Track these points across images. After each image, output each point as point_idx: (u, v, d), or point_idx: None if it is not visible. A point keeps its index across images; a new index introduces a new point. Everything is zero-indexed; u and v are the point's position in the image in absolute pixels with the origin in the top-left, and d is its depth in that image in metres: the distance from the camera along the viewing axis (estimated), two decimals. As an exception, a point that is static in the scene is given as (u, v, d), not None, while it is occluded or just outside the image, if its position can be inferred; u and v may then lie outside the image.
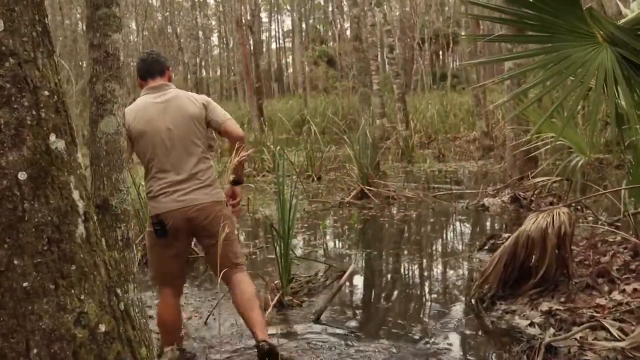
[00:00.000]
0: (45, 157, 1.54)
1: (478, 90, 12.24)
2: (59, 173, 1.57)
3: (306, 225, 6.78)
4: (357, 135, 8.20)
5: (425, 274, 4.80)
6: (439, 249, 5.47)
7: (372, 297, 4.33)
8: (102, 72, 2.27)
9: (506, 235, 5.29)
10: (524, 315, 3.80)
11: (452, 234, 6.13)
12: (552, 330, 3.51)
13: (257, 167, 10.54)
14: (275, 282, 4.42)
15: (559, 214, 3.95)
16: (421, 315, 3.92)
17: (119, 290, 1.74)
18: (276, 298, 4.09)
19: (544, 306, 3.80)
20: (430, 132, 14.16)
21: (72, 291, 1.57)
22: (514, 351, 3.30)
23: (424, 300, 4.19)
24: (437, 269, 4.88)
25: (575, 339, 3.30)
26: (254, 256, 5.43)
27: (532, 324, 3.67)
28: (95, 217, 1.68)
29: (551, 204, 6.68)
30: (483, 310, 3.93)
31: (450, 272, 4.80)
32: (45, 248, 1.53)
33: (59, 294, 1.54)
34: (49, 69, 1.57)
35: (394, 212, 7.13)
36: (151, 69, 3.20)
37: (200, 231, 3.15)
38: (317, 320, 3.84)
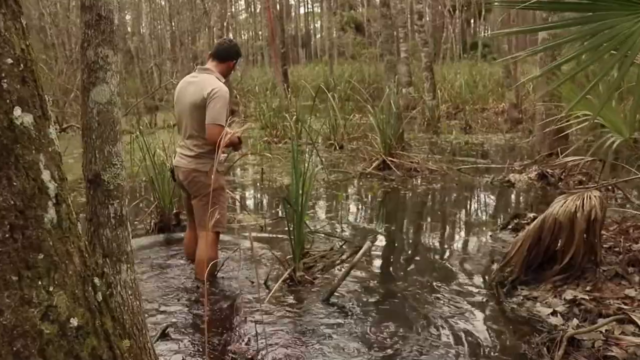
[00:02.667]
0: (7, 133, 1.34)
1: (509, 61, 11.76)
2: (25, 151, 1.38)
3: (325, 196, 6.58)
4: (381, 104, 7.89)
5: (445, 252, 4.57)
6: (461, 226, 5.23)
7: (388, 275, 4.12)
8: (93, 36, 2.05)
9: (531, 215, 5.02)
10: (546, 303, 3.57)
11: (475, 210, 5.87)
12: (575, 321, 3.28)
13: (278, 134, 10.32)
14: (288, 257, 4.26)
15: (589, 198, 3.67)
16: (437, 298, 3.71)
17: (96, 280, 1.56)
18: (286, 273, 3.91)
19: (568, 294, 3.56)
20: (458, 103, 13.73)
21: (39, 283, 1.39)
22: (534, 342, 3.08)
23: (441, 281, 3.97)
24: (457, 248, 4.64)
25: (601, 332, 3.07)
26: (269, 228, 5.25)
27: (554, 313, 3.44)
28: (69, 200, 1.49)
29: (580, 182, 6.37)
30: (503, 295, 3.71)
31: (471, 252, 4.56)
32: (7, 236, 1.35)
33: (22, 286, 1.36)
34: (14, 33, 1.37)
35: (416, 184, 6.88)
36: (215, 52, 3.91)
37: (185, 188, 3.96)
38: (327, 300, 3.67)
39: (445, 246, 4.69)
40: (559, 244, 3.75)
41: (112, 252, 2.14)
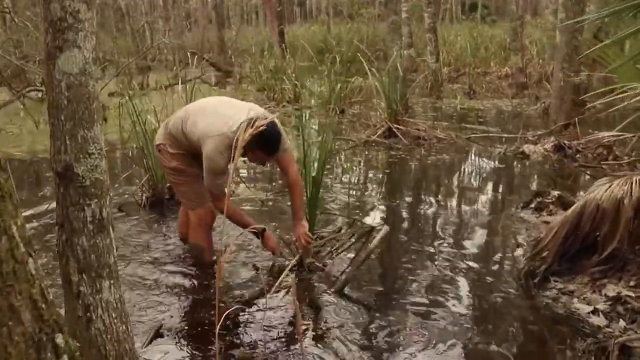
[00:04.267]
0: None
1: (516, 23, 11.16)
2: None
3: (328, 167, 6.08)
4: (387, 67, 7.32)
5: (462, 235, 4.10)
6: (477, 204, 4.76)
7: (401, 262, 3.65)
8: (60, -16, 1.53)
9: (555, 193, 4.56)
10: (584, 299, 3.13)
11: (490, 185, 5.39)
12: (622, 323, 2.86)
13: (276, 97, 9.73)
14: (294, 240, 3.81)
15: (638, 183, 3.21)
16: (457, 289, 3.26)
17: (59, 339, 1.08)
18: (294, 260, 3.45)
19: (610, 290, 3.12)
20: (459, 66, 13.14)
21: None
22: (579, 349, 2.66)
23: (460, 269, 3.53)
24: (476, 230, 4.17)
25: (657, 339, 2.65)
26: (270, 203, 4.77)
27: (595, 312, 3.00)
28: (15, 226, 1.00)
29: (599, 155, 5.91)
30: (534, 287, 3.28)
31: (492, 234, 4.10)
32: None
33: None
34: None
35: (425, 154, 6.38)
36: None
37: None
38: (340, 292, 3.22)
39: (462, 227, 4.22)
40: (600, 233, 3.31)
41: (90, 265, 1.65)
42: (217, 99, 3.60)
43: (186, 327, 2.89)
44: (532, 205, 4.55)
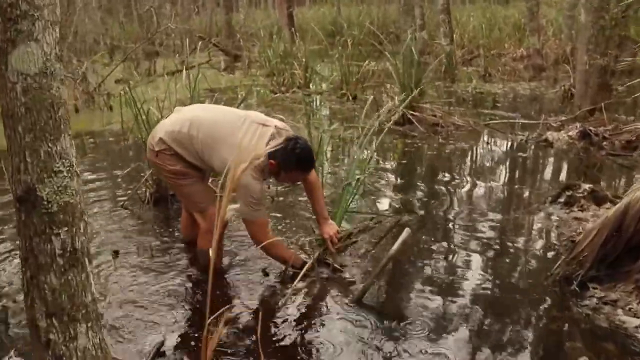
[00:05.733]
0: None
1: (531, 3, 10.67)
2: None
3: (341, 157, 5.73)
4: (401, 50, 6.90)
5: (483, 232, 3.74)
6: (501, 197, 4.39)
7: (421, 264, 3.31)
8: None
9: (586, 186, 4.18)
10: (630, 310, 2.79)
11: (513, 176, 5.01)
12: (677, 340, 2.52)
13: (286, 83, 9.35)
14: (309, 240, 3.49)
15: (692, 180, 2.85)
16: (479, 297, 2.92)
17: None
18: (309, 263, 3.11)
19: (659, 300, 2.79)
20: (473, 48, 12.65)
21: None
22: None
23: (481, 272, 3.19)
24: (502, 228, 3.80)
25: None
26: (281, 197, 4.44)
27: (645, 325, 2.68)
28: None
29: (628, 142, 5.51)
30: (570, 295, 2.94)
31: (519, 232, 3.73)
32: None
33: None
34: None
35: (442, 143, 6.00)
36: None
37: None
38: (359, 301, 2.90)
39: (484, 224, 3.86)
40: (646, 236, 2.95)
41: (61, 308, 1.33)
42: (221, 112, 3.17)
43: (192, 344, 2.58)
44: (561, 200, 4.18)
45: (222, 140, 2.90)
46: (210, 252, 1.02)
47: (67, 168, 1.31)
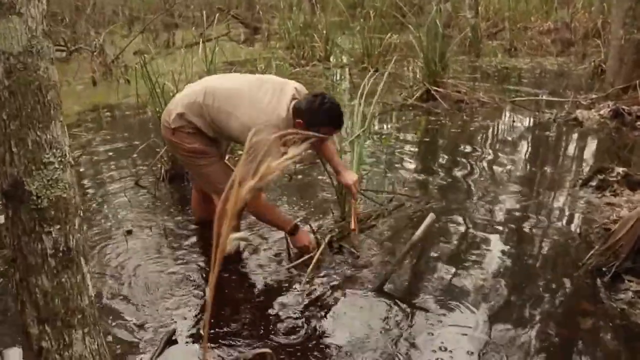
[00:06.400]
0: None
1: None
2: None
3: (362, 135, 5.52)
4: (426, 23, 6.61)
5: (510, 216, 3.54)
6: (528, 179, 4.18)
7: (443, 249, 3.14)
8: None
9: (620, 170, 3.95)
10: (669, 305, 2.62)
11: (541, 157, 4.77)
12: None
13: (306, 56, 9.10)
14: (327, 222, 3.35)
15: None
16: (505, 286, 2.75)
17: None
18: (320, 249, 2.96)
19: (702, 295, 2.59)
20: (498, 20, 12.20)
21: None
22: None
23: (508, 259, 3.01)
24: (527, 211, 3.60)
25: None
26: (300, 176, 4.28)
27: (687, 323, 2.49)
28: None
29: (663, 122, 5.22)
30: (603, 288, 2.76)
31: (548, 217, 3.52)
32: None
33: None
34: None
35: (467, 120, 5.76)
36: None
37: None
38: (380, 290, 2.75)
39: (511, 207, 3.66)
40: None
41: (54, 313, 1.19)
42: (236, 78, 3.01)
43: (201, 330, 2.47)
44: (593, 183, 3.96)
45: (240, 104, 2.73)
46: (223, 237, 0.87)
47: (59, 159, 1.16)
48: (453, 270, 2.92)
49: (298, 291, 2.73)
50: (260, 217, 2.99)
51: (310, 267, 2.85)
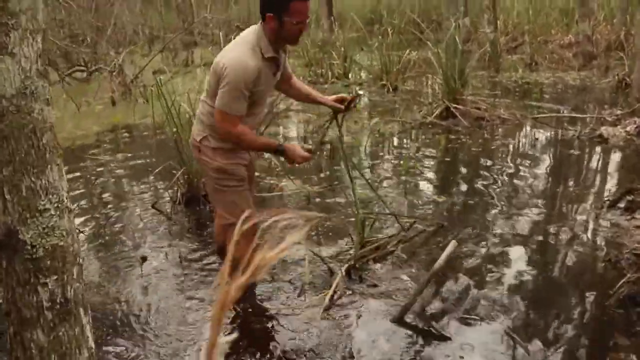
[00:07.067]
0: None
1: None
2: None
3: (381, 154, 5.43)
4: (444, 40, 6.51)
5: (534, 240, 3.40)
6: (553, 201, 4.03)
7: (465, 276, 3.00)
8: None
9: (651, 190, 3.80)
10: None
11: (566, 176, 4.62)
12: None
13: (324, 74, 9.06)
14: (345, 249, 3.24)
15: None
16: (538, 322, 2.62)
17: None
18: (337, 280, 2.86)
19: None
20: (517, 34, 12.05)
21: None
22: None
23: (532, 287, 2.87)
24: (551, 234, 3.44)
25: None
26: (317, 198, 4.18)
27: None
28: None
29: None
30: (638, 319, 2.61)
31: (573, 242, 3.35)
32: None
33: None
34: None
35: (488, 138, 5.63)
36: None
37: None
38: (400, 320, 2.64)
39: (534, 231, 3.51)
40: None
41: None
42: None
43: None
44: (621, 205, 3.80)
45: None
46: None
47: (55, 205, 1.08)
48: (475, 293, 2.79)
49: (315, 321, 2.62)
50: (241, 145, 2.66)
51: (328, 295, 2.75)
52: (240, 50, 2.44)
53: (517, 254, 3.23)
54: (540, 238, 3.43)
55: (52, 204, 1.08)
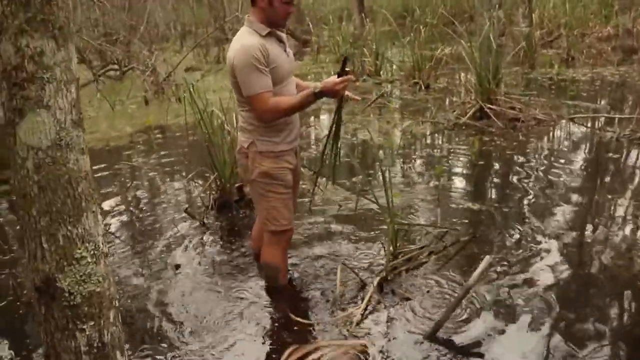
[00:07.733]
0: None
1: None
2: None
3: (414, 157, 5.36)
4: (480, 39, 6.36)
5: (572, 252, 3.29)
6: (591, 209, 3.91)
7: (500, 292, 2.94)
8: (13, 13, 0.94)
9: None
10: None
11: (605, 182, 4.48)
12: None
13: (356, 70, 8.99)
14: (377, 260, 3.21)
15: None
16: (578, 329, 2.55)
17: None
18: (369, 294, 2.83)
19: None
20: (553, 28, 11.75)
21: None
22: None
23: (579, 307, 2.79)
24: (592, 248, 3.31)
25: None
26: (349, 205, 4.15)
27: None
28: None
29: None
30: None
31: (616, 255, 3.25)
32: None
33: None
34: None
35: (523, 140, 5.50)
36: None
37: None
38: (432, 337, 2.60)
39: (572, 243, 3.39)
40: None
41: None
42: None
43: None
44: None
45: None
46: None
47: (92, 252, 1.09)
48: (509, 314, 2.72)
49: (345, 335, 2.60)
50: (293, 110, 2.68)
51: (359, 309, 2.73)
52: (237, 40, 2.59)
53: (553, 265, 3.14)
54: (578, 250, 3.33)
55: (88, 252, 1.08)
